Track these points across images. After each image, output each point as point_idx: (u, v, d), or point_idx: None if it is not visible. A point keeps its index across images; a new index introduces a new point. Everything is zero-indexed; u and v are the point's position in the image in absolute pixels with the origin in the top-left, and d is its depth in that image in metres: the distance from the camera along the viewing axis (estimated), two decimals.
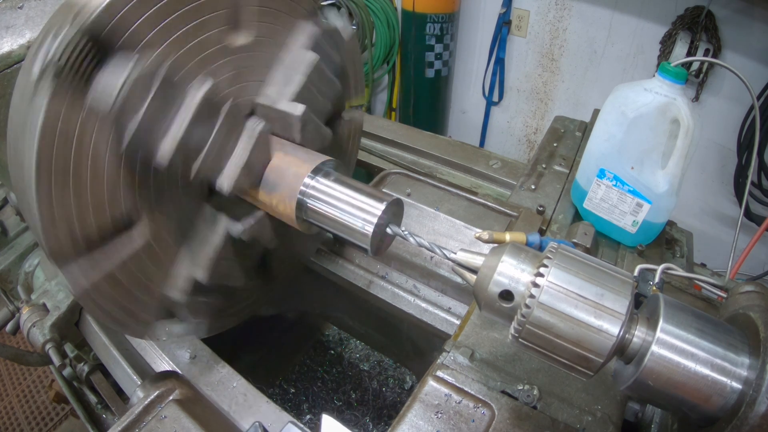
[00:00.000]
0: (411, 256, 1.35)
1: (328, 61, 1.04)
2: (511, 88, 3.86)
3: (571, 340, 0.63)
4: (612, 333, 0.62)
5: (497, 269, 0.68)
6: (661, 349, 0.62)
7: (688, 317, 0.65)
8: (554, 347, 0.64)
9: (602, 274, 0.65)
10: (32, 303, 1.35)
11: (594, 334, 0.62)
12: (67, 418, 2.71)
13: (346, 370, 2.12)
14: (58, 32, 0.68)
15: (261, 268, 1.22)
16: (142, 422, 0.96)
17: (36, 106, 0.68)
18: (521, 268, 0.68)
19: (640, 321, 0.66)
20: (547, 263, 0.65)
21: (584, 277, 0.64)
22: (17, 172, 0.75)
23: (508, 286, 0.67)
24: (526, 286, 0.66)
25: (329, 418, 1.02)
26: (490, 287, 0.68)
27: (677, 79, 1.14)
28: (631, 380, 0.64)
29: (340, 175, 0.92)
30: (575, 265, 0.65)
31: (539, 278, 0.64)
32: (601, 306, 0.62)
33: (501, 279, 0.68)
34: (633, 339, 0.65)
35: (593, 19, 3.20)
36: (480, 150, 1.89)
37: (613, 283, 0.64)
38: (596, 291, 0.63)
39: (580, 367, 0.64)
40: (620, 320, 0.62)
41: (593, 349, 0.62)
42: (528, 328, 0.64)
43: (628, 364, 0.68)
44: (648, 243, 1.33)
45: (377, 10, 3.70)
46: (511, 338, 0.67)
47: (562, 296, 0.63)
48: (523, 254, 0.69)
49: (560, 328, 0.63)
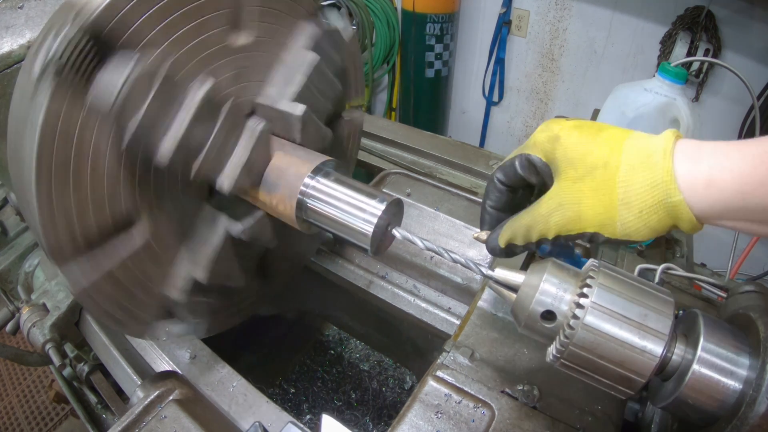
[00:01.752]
0: (411, 256, 1.35)
1: (328, 61, 1.04)
2: (511, 88, 3.86)
3: (614, 361, 0.62)
4: (656, 354, 0.61)
5: (540, 288, 0.66)
6: (702, 368, 0.62)
7: (725, 334, 0.65)
8: (597, 368, 0.63)
9: (645, 294, 0.65)
10: (32, 303, 1.35)
11: (637, 355, 0.61)
12: (67, 418, 2.71)
13: (346, 370, 2.12)
14: (59, 31, 0.68)
15: (260, 268, 1.22)
16: (142, 422, 0.96)
17: (36, 104, 0.68)
18: (564, 287, 0.66)
19: (678, 338, 0.66)
20: (590, 283, 0.64)
21: (628, 297, 0.64)
22: (17, 171, 0.75)
23: (551, 306, 0.66)
24: (570, 306, 0.65)
25: (329, 418, 1.02)
26: (533, 307, 0.66)
27: (677, 79, 1.14)
28: (671, 398, 0.64)
29: (340, 175, 0.92)
30: (618, 284, 0.65)
31: (583, 299, 0.63)
32: (645, 326, 0.62)
33: (544, 299, 0.66)
34: (672, 357, 0.65)
35: (593, 19, 3.20)
36: (480, 150, 1.89)
37: (655, 302, 0.64)
38: (640, 311, 0.63)
39: (621, 386, 0.64)
40: (664, 341, 0.61)
41: (636, 369, 0.62)
42: (571, 349, 0.63)
43: (666, 382, 0.67)
44: (648, 243, 1.33)
45: (377, 10, 3.70)
46: (552, 359, 0.66)
47: (606, 317, 0.62)
48: (565, 273, 0.68)
49: (604, 348, 0.62)
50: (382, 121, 2.19)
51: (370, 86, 4.04)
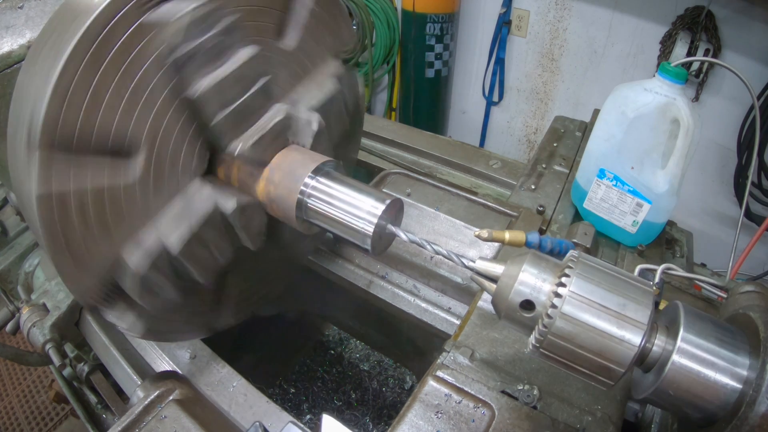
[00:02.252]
0: (411, 256, 1.35)
1: (343, 98, 1.14)
2: (511, 88, 3.86)
3: (593, 351, 0.62)
4: (634, 343, 0.61)
5: (518, 278, 0.67)
6: (682, 359, 0.62)
7: (708, 326, 0.65)
8: (575, 357, 0.64)
9: (624, 284, 0.65)
10: (32, 303, 1.35)
11: (616, 344, 0.61)
12: (67, 418, 2.71)
13: (346, 370, 2.12)
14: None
15: (218, 288, 1.13)
16: (142, 422, 0.96)
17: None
18: (542, 277, 0.66)
19: (660, 329, 0.66)
20: (569, 273, 0.64)
21: (606, 286, 0.64)
22: (48, 48, 0.73)
23: (530, 296, 0.66)
24: (548, 295, 0.65)
25: (329, 418, 1.02)
26: (511, 297, 0.67)
27: (677, 79, 1.14)
28: (652, 389, 0.64)
29: (340, 175, 0.93)
30: (597, 274, 0.65)
31: (561, 288, 0.63)
32: (624, 316, 0.62)
33: (522, 289, 0.66)
34: (653, 348, 0.65)
35: (593, 19, 3.20)
36: (480, 150, 1.89)
37: (634, 292, 0.64)
38: (618, 301, 0.63)
39: (600, 377, 0.64)
40: (642, 330, 0.61)
41: (615, 359, 0.62)
42: (550, 338, 0.63)
43: (647, 373, 0.67)
44: (648, 243, 1.33)
45: (377, 10, 3.70)
46: (532, 348, 0.66)
47: (584, 306, 0.62)
48: (544, 263, 0.68)
49: (582, 338, 0.62)
50: (382, 121, 2.20)
51: (370, 86, 4.04)
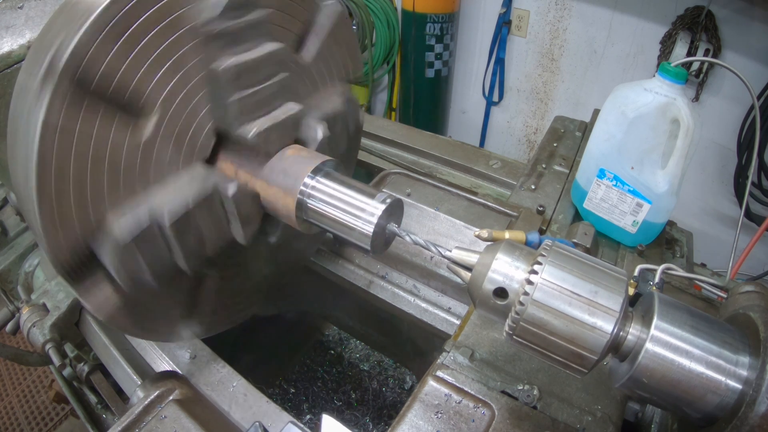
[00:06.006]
0: (411, 256, 1.35)
1: (346, 120, 1.17)
2: (511, 88, 3.86)
3: (565, 338, 0.63)
4: (606, 330, 0.62)
5: (491, 266, 0.68)
6: (655, 347, 0.62)
7: (683, 315, 0.65)
8: (548, 344, 0.64)
9: (596, 272, 0.65)
10: (32, 303, 1.35)
11: (588, 331, 0.62)
12: (67, 418, 2.71)
13: (346, 370, 2.12)
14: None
15: (190, 298, 1.09)
16: (142, 422, 0.97)
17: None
18: (516, 265, 0.67)
19: (635, 318, 0.66)
20: (541, 260, 0.65)
21: (578, 274, 0.64)
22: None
23: (503, 284, 0.67)
24: (520, 283, 0.66)
25: (329, 418, 1.02)
26: (485, 285, 0.68)
27: (677, 79, 1.14)
28: (626, 377, 0.65)
29: (340, 175, 0.93)
30: (569, 262, 0.65)
31: (533, 275, 0.64)
32: (595, 303, 0.62)
33: (495, 276, 0.67)
34: (627, 336, 0.65)
35: (593, 19, 3.20)
36: (480, 150, 1.89)
37: (607, 280, 0.64)
38: (590, 288, 0.63)
39: (574, 364, 0.64)
40: (614, 317, 0.62)
41: (587, 346, 0.62)
42: (522, 325, 0.64)
43: (623, 362, 0.68)
44: (648, 243, 1.33)
45: (377, 10, 3.70)
46: (506, 335, 0.67)
47: (556, 293, 0.63)
48: (518, 252, 0.69)
49: (554, 325, 0.63)
50: (382, 121, 2.20)
51: (370, 86, 4.04)
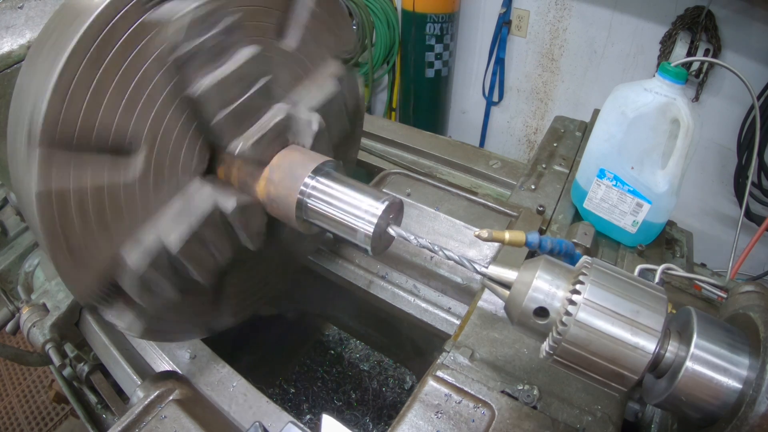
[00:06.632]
0: (411, 256, 1.35)
1: (343, 99, 1.14)
2: (511, 88, 3.86)
3: (607, 358, 0.62)
4: (648, 350, 0.61)
5: (532, 285, 0.66)
6: (695, 365, 0.62)
7: (719, 331, 0.65)
8: (589, 364, 0.64)
9: (637, 290, 0.65)
10: (32, 303, 1.35)
11: (630, 351, 0.61)
12: (67, 418, 2.71)
13: (346, 370, 2.12)
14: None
15: (218, 287, 1.11)
16: (142, 422, 0.97)
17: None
18: (556, 284, 0.66)
19: (672, 335, 0.66)
20: (583, 279, 0.64)
21: (619, 293, 0.63)
22: (49, 45, 0.73)
23: (544, 303, 0.66)
24: (562, 302, 0.65)
25: (329, 418, 1.02)
26: (525, 303, 0.67)
27: (677, 79, 1.14)
28: (665, 395, 0.64)
29: (340, 175, 0.93)
30: (610, 281, 0.65)
31: (576, 295, 0.63)
32: (637, 323, 0.62)
33: (536, 295, 0.66)
34: (666, 354, 0.65)
35: (593, 19, 3.20)
36: (480, 150, 1.89)
37: (647, 299, 0.64)
38: (632, 308, 0.63)
39: (614, 383, 0.64)
40: (656, 337, 0.61)
41: (629, 366, 0.62)
42: (564, 345, 0.63)
43: (659, 379, 0.67)
44: (648, 243, 1.33)
45: (377, 10, 3.70)
46: (545, 355, 0.66)
47: (598, 313, 0.62)
48: (558, 269, 0.68)
49: (596, 345, 0.62)
50: (382, 121, 2.20)
51: (370, 86, 4.04)
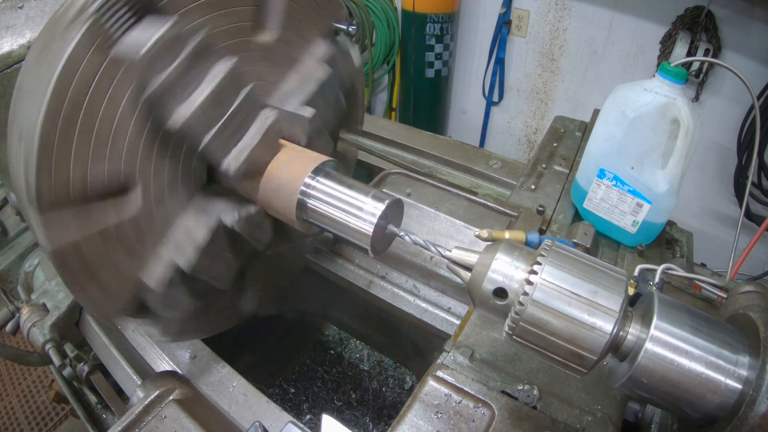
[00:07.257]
0: (411, 256, 1.35)
1: (338, 79, 1.10)
2: (511, 88, 3.86)
3: (564, 338, 0.63)
4: (605, 330, 0.62)
5: (491, 266, 0.68)
6: (654, 347, 0.62)
7: (683, 315, 0.65)
8: (548, 344, 0.64)
9: (596, 272, 0.65)
10: (32, 303, 1.35)
11: (587, 331, 0.62)
12: (67, 418, 2.71)
13: (346, 370, 2.12)
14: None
15: (239, 280, 1.15)
16: (142, 422, 0.97)
17: (62, 44, 0.69)
18: (515, 265, 0.67)
19: (635, 318, 0.66)
20: (540, 260, 0.65)
21: (578, 274, 0.64)
22: (27, 105, 0.73)
23: (502, 284, 0.67)
24: (520, 283, 0.66)
25: (329, 418, 1.02)
26: (484, 285, 0.68)
27: (677, 79, 1.14)
28: (625, 377, 0.65)
29: (340, 176, 0.93)
30: (569, 262, 0.65)
31: (533, 275, 0.64)
32: (595, 303, 0.62)
33: (495, 276, 0.67)
34: (627, 336, 0.65)
35: (593, 19, 3.20)
36: (480, 150, 1.89)
37: (606, 280, 0.64)
38: (590, 288, 0.63)
39: (573, 364, 0.64)
40: (614, 318, 0.62)
41: (587, 346, 0.62)
42: (521, 325, 0.64)
43: (623, 362, 0.68)
44: (648, 243, 1.33)
45: (377, 10, 3.70)
46: (505, 335, 0.67)
47: (555, 293, 0.63)
48: (517, 251, 0.69)
49: (554, 325, 0.63)
50: (382, 121, 2.20)
51: (370, 86, 4.04)
